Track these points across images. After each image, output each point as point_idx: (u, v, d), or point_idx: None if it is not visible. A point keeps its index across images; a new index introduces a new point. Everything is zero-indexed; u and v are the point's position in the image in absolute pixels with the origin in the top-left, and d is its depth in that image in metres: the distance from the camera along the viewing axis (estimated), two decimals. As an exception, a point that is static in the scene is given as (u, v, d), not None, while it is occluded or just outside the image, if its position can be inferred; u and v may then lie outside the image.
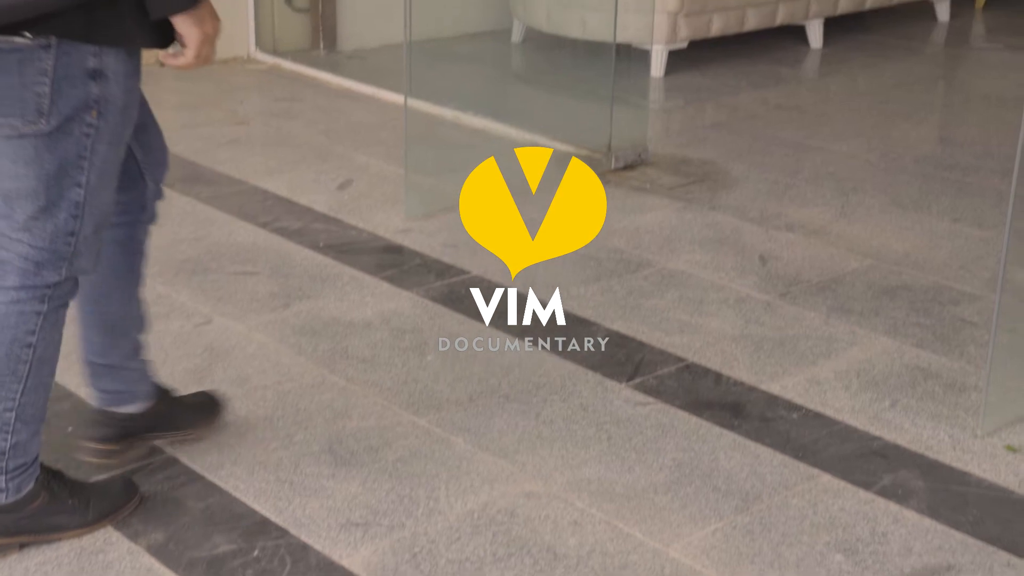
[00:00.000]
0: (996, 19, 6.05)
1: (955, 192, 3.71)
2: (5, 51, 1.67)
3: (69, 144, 1.75)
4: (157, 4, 1.71)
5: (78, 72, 1.71)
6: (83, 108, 1.73)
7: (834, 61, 5.36)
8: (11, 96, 1.69)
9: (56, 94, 1.70)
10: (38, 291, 1.83)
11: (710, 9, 5.03)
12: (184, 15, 1.74)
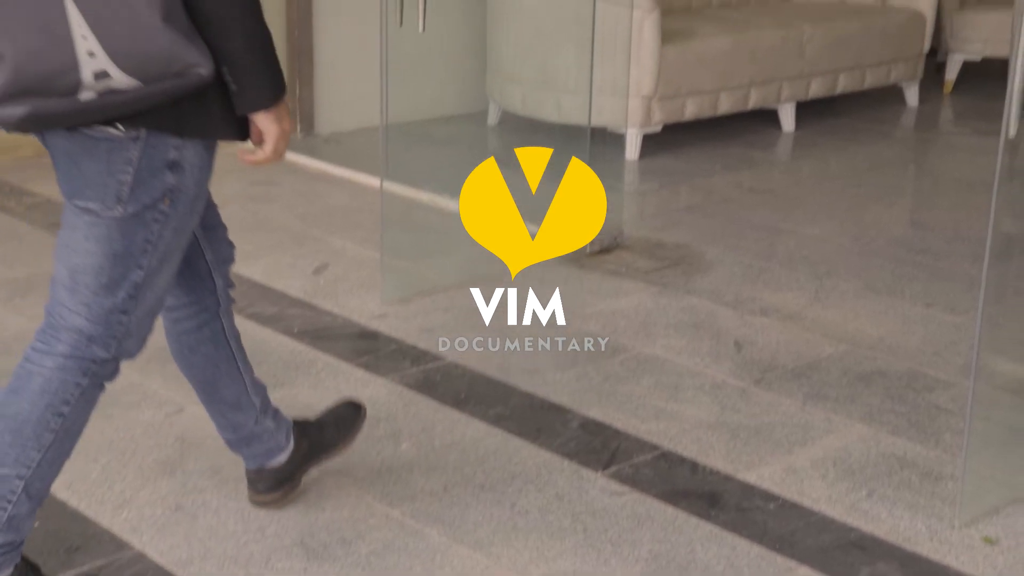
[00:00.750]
0: (963, 104, 6.16)
1: (928, 276, 3.74)
2: (97, 139, 1.77)
3: (139, 229, 1.84)
4: (244, 101, 1.81)
5: (159, 163, 1.80)
6: (158, 197, 1.83)
7: (806, 144, 5.44)
8: (96, 182, 1.79)
9: (137, 183, 1.80)
10: (84, 363, 1.90)
11: (684, 93, 5.10)
12: (266, 112, 1.83)
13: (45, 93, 1.67)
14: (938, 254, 3.97)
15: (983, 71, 6.25)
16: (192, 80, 1.72)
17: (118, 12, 1.64)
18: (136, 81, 1.68)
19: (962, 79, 6.25)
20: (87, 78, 1.66)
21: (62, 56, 1.64)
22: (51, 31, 1.63)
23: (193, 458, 2.54)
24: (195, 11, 1.71)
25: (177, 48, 1.68)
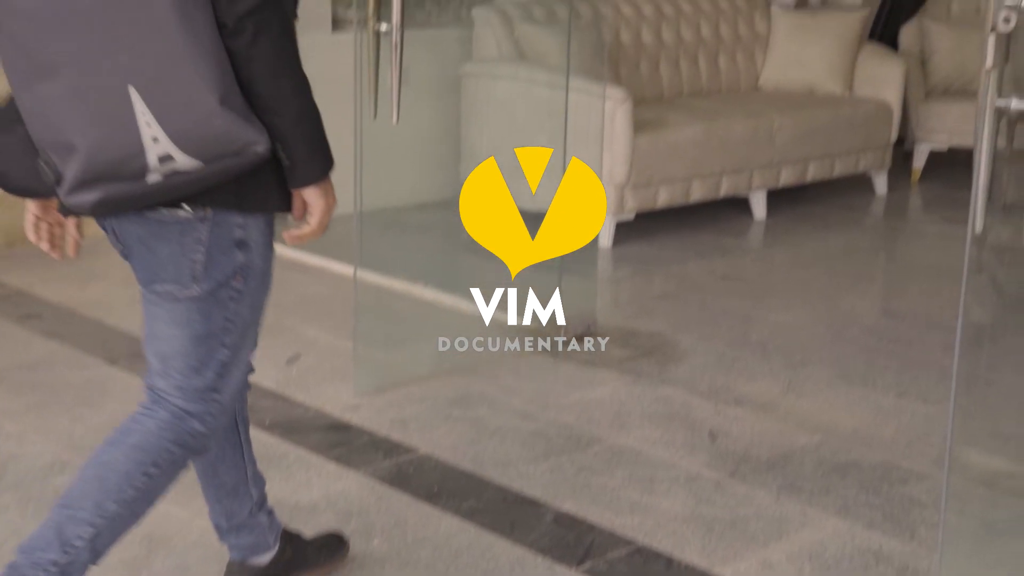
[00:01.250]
0: (931, 192, 6.25)
1: (900, 366, 3.76)
2: (168, 223, 1.86)
3: (217, 309, 1.93)
4: (296, 176, 1.88)
5: (227, 242, 1.89)
6: (231, 275, 1.92)
7: (778, 232, 5.49)
8: (171, 264, 1.89)
9: (209, 261, 1.89)
10: (181, 434, 1.98)
11: (656, 182, 5.16)
12: (315, 186, 1.90)
13: (115, 178, 1.76)
14: (910, 343, 3.99)
15: (950, 160, 6.35)
16: (250, 158, 1.80)
17: (178, 98, 1.72)
18: (198, 162, 1.76)
19: (929, 168, 6.35)
20: (152, 162, 1.75)
21: (129, 143, 1.73)
22: (117, 120, 1.72)
23: (161, 556, 2.50)
24: (249, 91, 1.79)
25: (234, 128, 1.76)
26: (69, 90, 1.72)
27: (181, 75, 1.71)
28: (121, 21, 1.70)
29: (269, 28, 1.78)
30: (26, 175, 1.83)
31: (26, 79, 1.75)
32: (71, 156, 1.75)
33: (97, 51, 1.71)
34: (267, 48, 1.78)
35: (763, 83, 6.24)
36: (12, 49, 1.74)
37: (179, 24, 1.70)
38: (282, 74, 1.81)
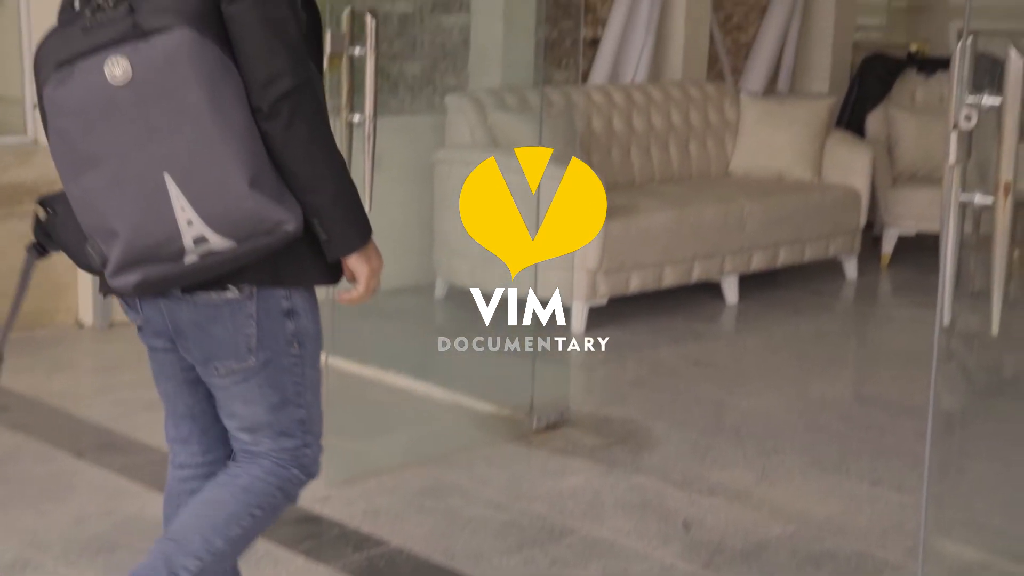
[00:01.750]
0: (901, 276, 6.31)
1: (873, 453, 3.75)
2: (218, 304, 1.94)
3: (283, 376, 2.01)
4: (334, 247, 1.95)
5: (276, 313, 1.97)
6: (286, 343, 1.99)
7: (749, 317, 5.51)
8: (227, 342, 1.97)
9: (261, 333, 1.97)
10: (283, 481, 2.07)
11: (628, 267, 5.18)
12: (356, 254, 1.96)
13: (154, 261, 1.85)
14: (883, 429, 3.99)
15: (918, 245, 6.42)
16: (280, 236, 1.86)
17: (210, 182, 1.81)
18: (231, 242, 1.83)
19: (898, 252, 6.41)
20: (188, 244, 1.83)
21: (165, 227, 1.82)
22: (154, 206, 1.82)
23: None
24: (286, 172, 1.86)
25: (265, 209, 1.83)
26: (110, 179, 1.83)
27: (213, 160, 1.80)
28: (156, 112, 1.79)
29: (303, 111, 1.85)
30: (76, 254, 1.95)
31: (73, 171, 1.85)
32: (114, 241, 1.85)
33: (134, 142, 1.81)
34: (303, 130, 1.85)
35: (733, 169, 6.32)
36: (60, 144, 1.86)
37: (211, 113, 1.79)
38: (318, 154, 1.88)
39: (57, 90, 1.82)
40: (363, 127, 3.09)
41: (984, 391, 3.76)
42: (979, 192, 1.95)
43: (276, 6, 1.85)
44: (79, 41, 1.82)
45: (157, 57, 1.78)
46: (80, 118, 1.82)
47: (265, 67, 1.83)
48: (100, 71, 1.79)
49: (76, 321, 4.83)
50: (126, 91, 1.79)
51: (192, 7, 1.81)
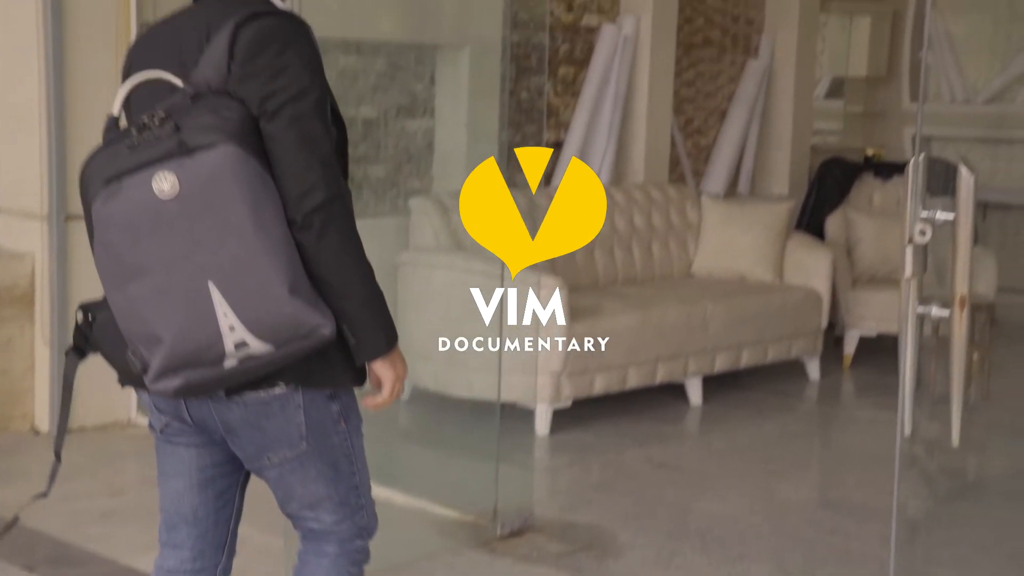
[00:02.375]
0: (863, 377, 6.34)
1: (839, 559, 3.72)
2: (268, 401, 2.04)
3: (334, 452, 2.12)
4: (362, 351, 2.04)
5: (321, 400, 2.08)
6: (333, 423, 2.10)
7: (714, 418, 5.51)
8: (280, 434, 2.07)
9: (310, 420, 2.07)
10: (352, 555, 2.21)
11: (592, 369, 5.18)
12: (382, 359, 2.05)
13: (196, 365, 1.93)
14: (848, 534, 3.97)
15: (879, 346, 6.47)
16: (317, 340, 1.95)
17: (251, 289, 1.90)
18: (270, 346, 1.93)
19: (860, 353, 6.46)
20: (229, 348, 1.91)
21: (208, 333, 1.90)
22: (198, 313, 1.90)
23: None
24: (318, 279, 1.96)
25: (303, 314, 1.92)
26: (156, 288, 1.91)
27: (254, 269, 1.90)
28: (201, 224, 1.88)
29: (335, 222, 1.95)
30: (115, 360, 2.04)
31: (118, 281, 1.93)
32: (157, 347, 1.92)
33: (180, 252, 1.89)
34: (334, 240, 1.95)
35: (696, 270, 6.37)
36: (106, 256, 1.94)
37: (253, 225, 1.89)
38: (348, 263, 1.98)
39: (106, 205, 1.90)
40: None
41: (947, 496, 3.76)
42: (935, 305, 1.97)
43: (311, 125, 1.96)
44: (126, 158, 1.91)
45: (203, 172, 1.88)
46: (128, 231, 1.90)
47: (300, 182, 1.93)
48: (148, 186, 1.88)
49: (32, 428, 4.76)
50: (173, 205, 1.88)
51: (235, 125, 1.90)
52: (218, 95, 1.95)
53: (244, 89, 1.95)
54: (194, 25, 2.04)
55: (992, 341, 5.93)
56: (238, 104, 1.94)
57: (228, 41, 1.96)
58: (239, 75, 1.95)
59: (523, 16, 5.92)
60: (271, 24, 1.98)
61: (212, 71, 1.96)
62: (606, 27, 6.32)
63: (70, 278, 4.76)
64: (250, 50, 1.95)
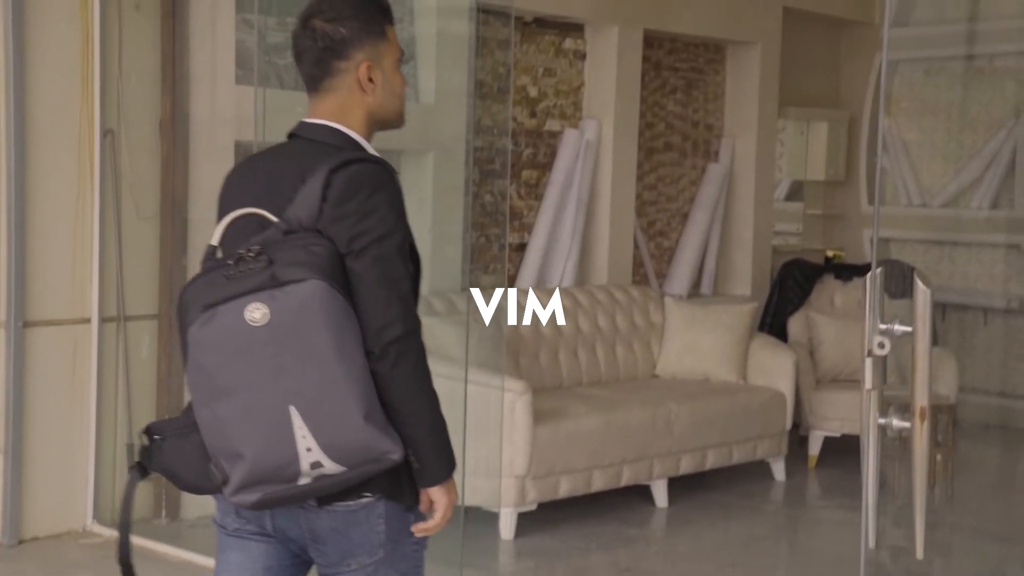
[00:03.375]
0: (828, 478, 6.33)
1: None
2: (355, 510, 2.16)
3: (405, 561, 2.23)
4: (424, 477, 2.17)
5: (400, 510, 2.19)
6: (407, 533, 2.21)
7: (680, 521, 5.47)
8: (363, 541, 2.18)
9: (389, 528, 2.19)
10: None
11: (557, 472, 5.14)
12: (440, 486, 2.18)
13: (272, 481, 2.07)
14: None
15: (844, 445, 6.48)
16: (386, 464, 2.09)
17: (330, 415, 2.04)
18: (343, 468, 2.06)
19: (825, 453, 6.46)
20: (305, 468, 2.05)
21: (286, 452, 2.04)
22: (278, 434, 2.04)
23: None
24: (389, 405, 2.10)
25: (375, 440, 2.06)
26: (242, 409, 2.05)
27: (334, 397, 2.04)
28: (288, 352, 2.03)
29: (409, 354, 2.10)
30: (196, 476, 2.15)
31: (207, 398, 2.07)
32: (238, 462, 2.06)
33: (267, 376, 2.04)
34: (407, 371, 2.10)
35: (660, 371, 6.38)
36: (198, 376, 2.08)
37: (336, 355, 2.03)
38: (417, 393, 2.12)
39: (201, 329, 2.06)
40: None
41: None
42: (896, 417, 1.98)
43: (393, 264, 2.12)
44: (223, 287, 2.07)
45: (292, 304, 2.03)
46: (219, 354, 2.05)
47: (380, 316, 2.09)
48: (240, 314, 2.04)
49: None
50: (263, 332, 2.03)
51: (323, 261, 2.06)
52: (308, 232, 2.11)
53: (334, 228, 2.10)
54: (290, 165, 2.21)
55: (955, 442, 5.95)
56: (327, 242, 2.09)
57: (322, 184, 2.11)
58: (331, 216, 2.11)
59: (486, 122, 6.00)
60: (363, 170, 2.14)
61: (305, 210, 2.12)
62: (568, 132, 6.43)
63: (26, 386, 4.71)
64: (343, 194, 2.11)
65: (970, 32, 7.68)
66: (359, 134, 2.26)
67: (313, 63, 2.25)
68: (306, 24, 2.26)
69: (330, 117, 2.25)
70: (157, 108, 5.01)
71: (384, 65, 2.28)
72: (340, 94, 2.25)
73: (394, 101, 2.30)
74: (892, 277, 3.97)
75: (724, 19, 7.02)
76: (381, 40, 2.28)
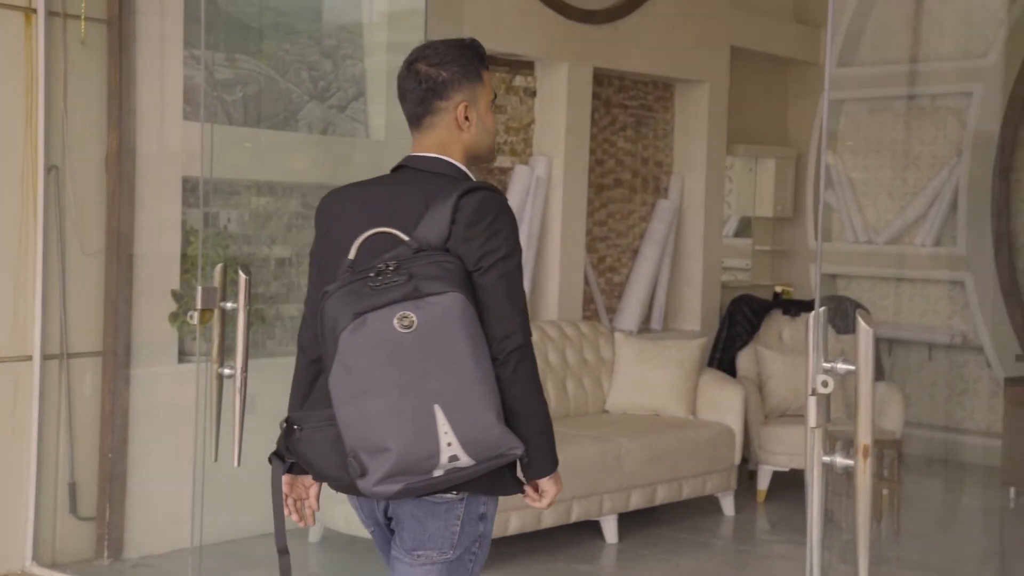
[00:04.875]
0: (777, 512, 6.36)
1: None
2: (438, 503, 2.40)
3: (462, 570, 2.45)
4: (534, 470, 2.46)
5: (474, 516, 2.45)
6: (474, 542, 2.46)
7: (630, 557, 5.45)
8: (436, 535, 2.42)
9: (462, 532, 2.43)
10: None
11: (507, 507, 5.11)
12: (549, 477, 2.49)
13: (412, 473, 2.30)
14: None
15: (793, 480, 6.51)
16: (509, 458, 2.36)
17: (468, 413, 2.30)
18: (474, 461, 2.31)
19: (774, 488, 6.49)
20: (443, 461, 2.30)
21: (430, 447, 2.29)
22: (423, 430, 2.29)
23: None
24: (507, 407, 2.36)
25: (503, 437, 2.32)
26: (390, 407, 2.28)
27: (471, 398, 2.30)
28: (432, 358, 2.29)
29: (526, 361, 2.39)
30: (332, 467, 2.36)
31: (352, 396, 2.30)
32: (383, 456, 2.28)
33: (413, 379, 2.29)
34: (525, 376, 2.38)
35: (610, 406, 6.39)
36: (345, 376, 2.30)
37: (472, 360, 2.30)
38: (532, 396, 2.40)
39: (353, 334, 2.30)
40: (234, 379, 3.05)
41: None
42: (839, 455, 1.99)
43: (514, 280, 2.41)
44: (370, 297, 2.32)
45: (436, 314, 2.30)
46: (369, 356, 2.29)
47: (504, 326, 2.37)
48: (390, 321, 2.29)
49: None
50: (410, 338, 2.29)
51: (458, 276, 2.34)
52: (437, 251, 2.37)
53: (464, 247, 2.38)
54: (411, 192, 2.47)
55: (901, 476, 6.00)
56: (455, 259, 2.36)
57: (452, 209, 2.38)
58: (460, 236, 2.38)
59: (437, 157, 6.00)
60: (488, 197, 2.42)
61: (434, 231, 2.38)
62: (519, 168, 6.45)
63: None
64: (472, 218, 2.38)
65: (912, 72, 7.83)
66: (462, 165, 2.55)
67: (416, 102, 2.53)
68: (411, 67, 2.53)
69: (434, 151, 2.53)
70: (103, 143, 4.97)
71: (479, 106, 2.54)
72: (440, 131, 2.52)
73: (486, 138, 2.57)
74: (838, 313, 4.00)
75: (673, 58, 7.09)
76: (477, 83, 2.54)
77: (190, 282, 5.04)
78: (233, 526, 4.99)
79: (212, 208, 5.14)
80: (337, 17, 5.90)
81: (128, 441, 4.96)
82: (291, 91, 5.54)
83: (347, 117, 5.72)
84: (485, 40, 6.56)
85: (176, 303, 5.06)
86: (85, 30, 4.91)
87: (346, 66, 5.71)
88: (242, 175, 5.33)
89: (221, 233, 5.23)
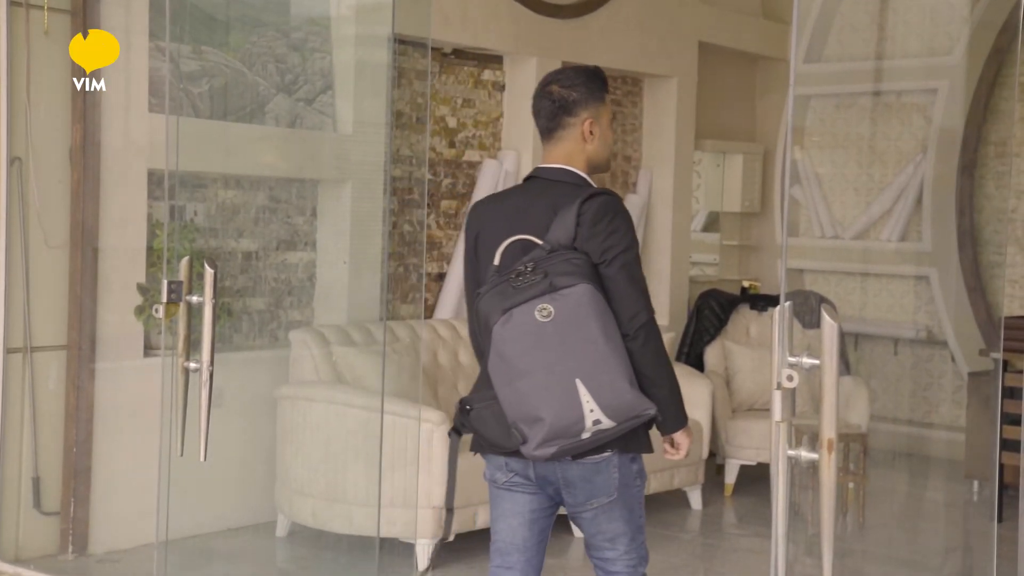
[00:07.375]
0: (744, 506, 6.39)
1: None
2: (598, 462, 2.90)
3: (632, 501, 2.99)
4: (668, 426, 2.96)
5: (628, 461, 2.95)
6: (633, 479, 2.97)
7: (597, 551, 5.45)
8: (603, 486, 2.92)
9: (622, 476, 2.94)
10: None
11: (475, 502, 5.11)
12: (681, 431, 2.98)
13: (564, 437, 2.78)
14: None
15: (760, 473, 6.55)
16: (644, 418, 2.83)
17: (604, 382, 2.76)
18: (614, 423, 2.78)
19: (741, 482, 6.52)
20: (588, 424, 2.77)
21: (576, 414, 2.76)
22: (569, 401, 2.76)
23: None
24: (641, 374, 2.83)
25: (637, 400, 2.80)
26: (539, 384, 2.76)
27: (606, 370, 2.76)
28: (568, 340, 2.75)
29: (652, 334, 2.86)
30: (498, 436, 2.86)
31: (508, 379, 2.78)
32: (538, 424, 2.76)
33: (556, 359, 2.75)
34: (653, 347, 2.85)
35: (578, 401, 6.39)
36: (500, 363, 2.79)
37: (604, 338, 2.76)
38: (661, 363, 2.87)
39: (503, 327, 2.76)
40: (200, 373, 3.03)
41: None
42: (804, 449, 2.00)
43: (635, 268, 2.87)
44: (513, 295, 2.77)
45: (571, 303, 2.75)
46: (518, 344, 2.75)
47: (630, 307, 2.83)
48: (532, 313, 2.76)
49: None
50: (550, 326, 2.75)
51: (586, 270, 2.79)
52: (566, 249, 2.81)
53: (589, 244, 2.83)
54: (541, 201, 2.92)
55: (866, 470, 6.05)
56: (583, 255, 2.81)
57: (576, 213, 2.83)
58: (585, 235, 2.83)
59: (405, 152, 6.00)
60: (606, 200, 2.88)
61: (563, 233, 2.82)
62: (488, 162, 6.44)
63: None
64: (594, 218, 2.84)
65: (878, 69, 7.88)
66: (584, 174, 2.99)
67: (549, 118, 3.02)
68: (544, 88, 3.05)
69: (561, 161, 3.00)
70: (67, 136, 4.92)
71: (601, 122, 3.02)
72: (568, 143, 3.00)
73: (606, 151, 3.03)
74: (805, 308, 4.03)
75: (641, 53, 7.11)
76: (600, 104, 3.02)
77: (156, 276, 5.00)
78: (199, 521, 4.97)
79: (178, 201, 5.10)
80: (305, 10, 5.87)
81: (93, 435, 4.92)
82: (258, 84, 5.50)
83: (315, 110, 5.69)
84: (454, 34, 6.57)
85: (142, 297, 5.02)
86: (48, 21, 4.86)
87: (314, 59, 5.68)
88: (209, 168, 5.30)
89: (187, 226, 5.20)
